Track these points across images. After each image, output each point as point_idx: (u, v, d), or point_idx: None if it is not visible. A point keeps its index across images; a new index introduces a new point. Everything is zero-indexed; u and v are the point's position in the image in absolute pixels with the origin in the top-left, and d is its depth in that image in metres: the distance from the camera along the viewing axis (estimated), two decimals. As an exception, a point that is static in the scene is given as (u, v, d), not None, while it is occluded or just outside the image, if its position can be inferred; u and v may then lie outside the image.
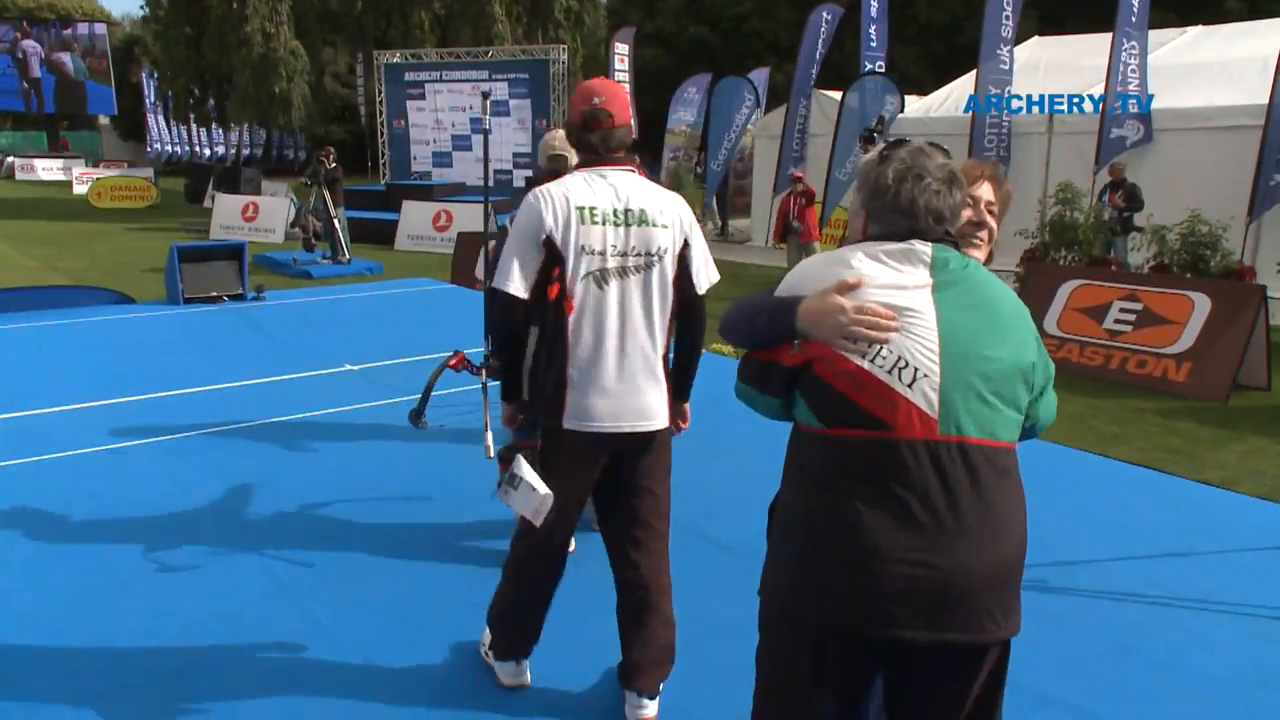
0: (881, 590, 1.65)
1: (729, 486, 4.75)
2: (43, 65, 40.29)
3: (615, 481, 2.76)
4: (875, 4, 14.48)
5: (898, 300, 1.71)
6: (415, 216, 16.41)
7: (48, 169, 37.24)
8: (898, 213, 1.78)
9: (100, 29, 43.37)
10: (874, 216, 1.84)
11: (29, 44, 40.46)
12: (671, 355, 2.84)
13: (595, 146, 2.67)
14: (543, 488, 2.57)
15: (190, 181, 26.93)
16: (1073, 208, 10.80)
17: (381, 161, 22.86)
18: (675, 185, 16.09)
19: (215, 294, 10.13)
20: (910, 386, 1.66)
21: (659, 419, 2.72)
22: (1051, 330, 8.13)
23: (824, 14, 15.89)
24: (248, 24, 25.89)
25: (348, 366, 7.20)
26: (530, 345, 2.77)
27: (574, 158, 2.86)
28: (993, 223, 2.19)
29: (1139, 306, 7.72)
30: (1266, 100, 10.16)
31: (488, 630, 3.09)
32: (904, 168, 1.79)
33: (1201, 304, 7.25)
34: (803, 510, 1.76)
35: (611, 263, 2.60)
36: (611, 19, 34.64)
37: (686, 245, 2.70)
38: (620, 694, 2.88)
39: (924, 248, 1.77)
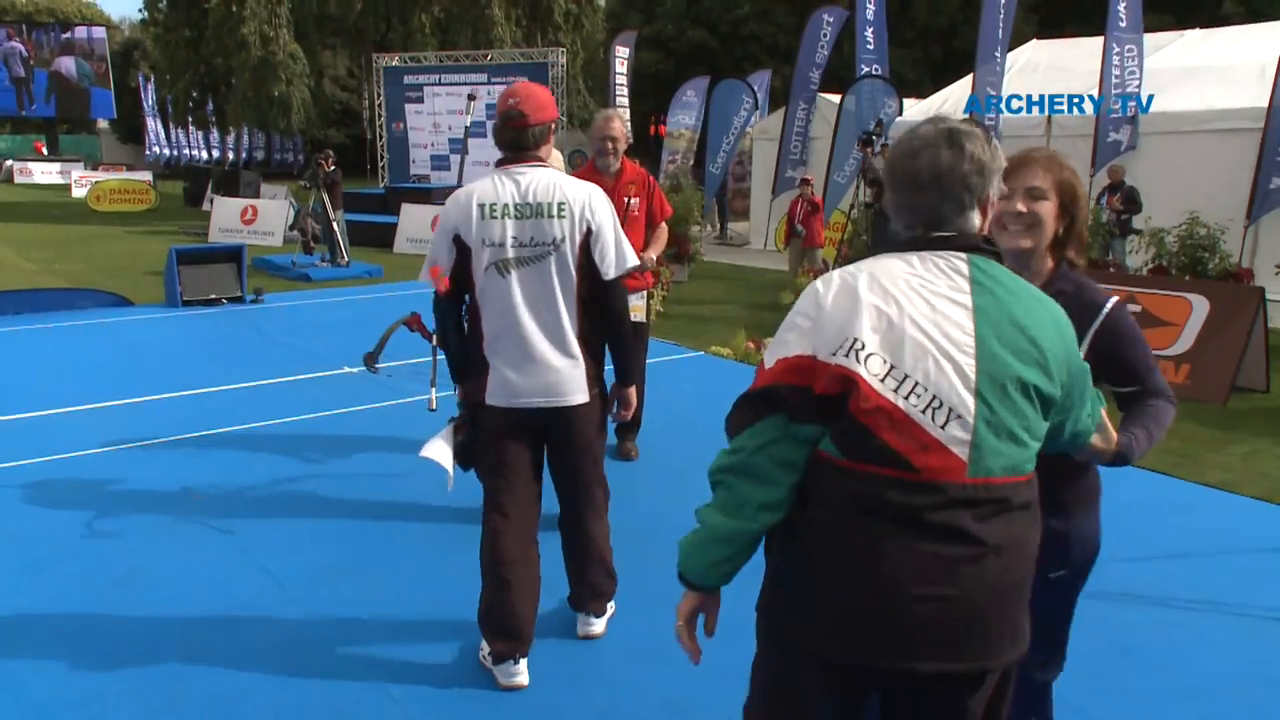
0: (898, 626, 1.59)
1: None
2: (27, 65, 40.34)
3: (550, 454, 3.08)
4: (872, 7, 14.48)
5: (934, 329, 1.58)
6: (414, 219, 16.39)
7: (46, 172, 37.21)
8: (907, 189, 1.70)
9: (99, 33, 43.39)
10: (895, 215, 1.76)
11: (11, 45, 40.52)
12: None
13: (510, 144, 2.92)
14: (447, 459, 2.98)
15: (189, 185, 26.92)
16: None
17: (380, 164, 22.85)
18: (674, 188, 16.10)
19: (214, 296, 10.13)
20: (943, 428, 1.56)
21: (574, 395, 2.94)
22: (1050, 332, 8.09)
23: (825, 16, 15.88)
24: (246, 27, 25.93)
25: (347, 369, 7.19)
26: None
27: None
28: (1041, 210, 2.11)
29: (1137, 308, 7.72)
30: (1265, 103, 10.18)
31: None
32: (900, 145, 1.72)
33: (1200, 306, 7.25)
34: (816, 540, 1.66)
35: (512, 253, 2.85)
36: (610, 22, 34.67)
37: (589, 234, 2.89)
38: (575, 618, 3.32)
39: (959, 260, 1.64)
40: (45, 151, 41.81)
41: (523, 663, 3.02)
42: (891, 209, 1.75)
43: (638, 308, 4.77)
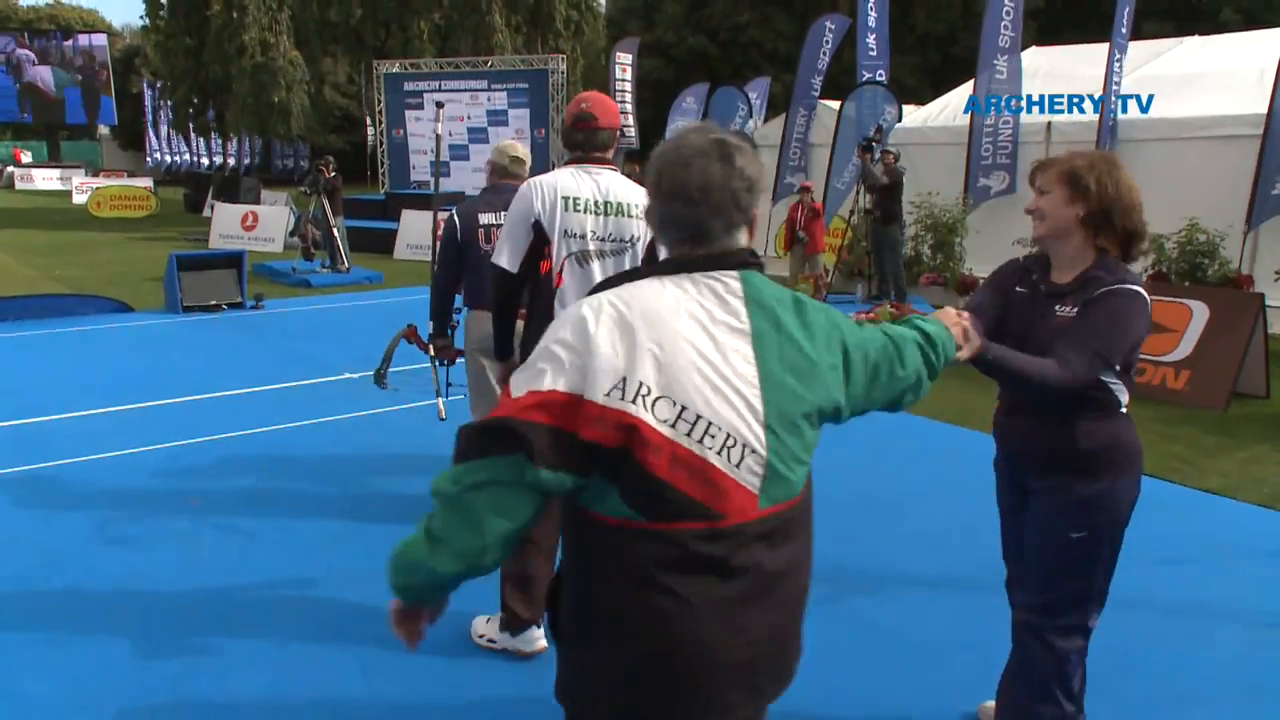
0: (724, 681, 1.54)
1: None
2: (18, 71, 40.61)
3: None
4: (874, 14, 14.50)
5: (720, 362, 1.48)
6: (414, 225, 16.41)
7: (47, 179, 37.28)
8: (676, 201, 1.55)
9: (100, 40, 43.50)
10: (659, 227, 1.60)
11: (22, 53, 40.68)
12: None
13: (581, 144, 3.06)
14: None
15: (190, 191, 26.96)
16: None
17: (381, 171, 22.88)
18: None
19: (214, 302, 10.14)
20: (738, 467, 1.48)
21: None
22: (1050, 338, 8.10)
23: (827, 24, 15.91)
24: (246, 33, 25.95)
25: (347, 374, 7.20)
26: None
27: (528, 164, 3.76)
28: (1042, 202, 2.33)
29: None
30: (1264, 109, 10.19)
31: (484, 620, 3.31)
32: (668, 153, 1.57)
33: (1200, 312, 7.25)
34: (626, 614, 1.51)
35: (592, 246, 2.98)
36: (611, 29, 34.74)
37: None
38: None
39: (733, 280, 1.54)
40: (25, 159, 41.95)
41: (539, 630, 3.20)
42: (656, 221, 1.60)
43: None
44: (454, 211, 4.14)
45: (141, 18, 30.36)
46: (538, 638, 3.21)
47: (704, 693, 1.53)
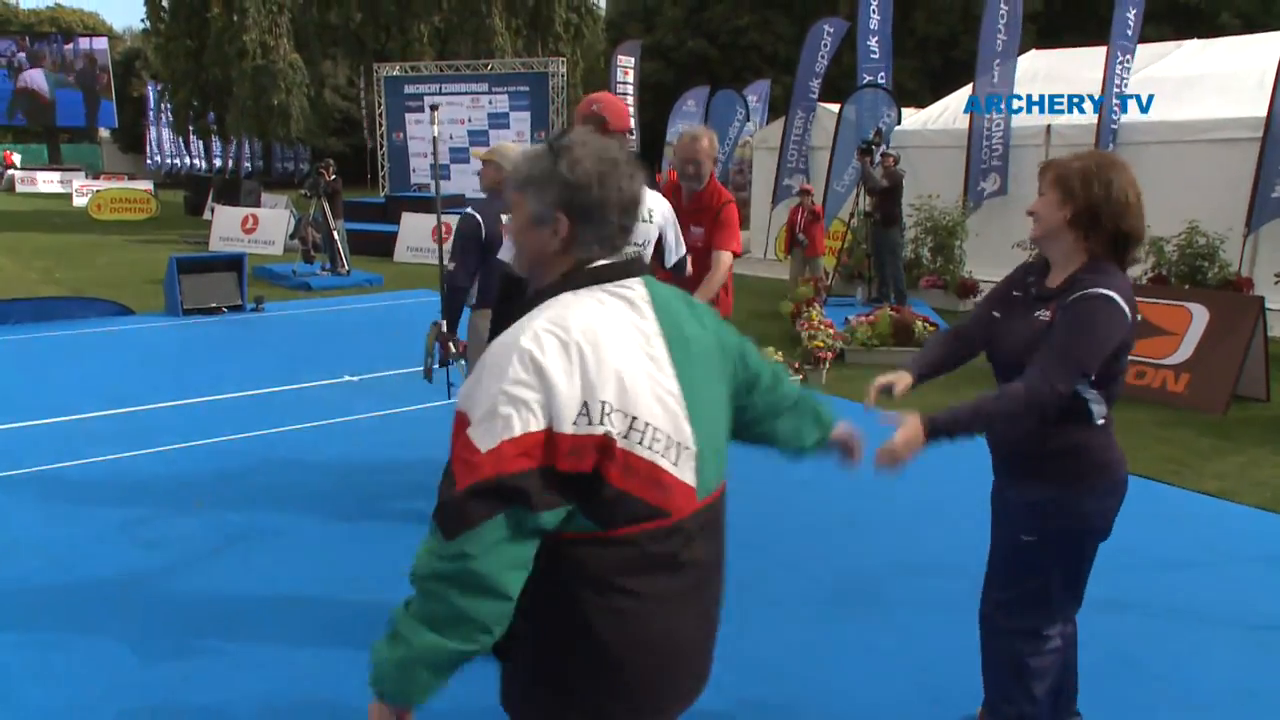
0: (682, 674, 1.65)
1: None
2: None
3: None
4: (877, 16, 14.50)
5: (649, 367, 1.53)
6: (414, 228, 16.42)
7: (48, 181, 37.31)
8: (598, 211, 1.55)
9: (101, 43, 43.54)
10: (581, 222, 1.55)
11: (21, 56, 40.79)
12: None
13: None
14: None
15: (190, 194, 26.97)
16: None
17: (381, 174, 22.90)
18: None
19: (215, 305, 10.14)
20: (677, 464, 1.54)
21: None
22: (1050, 341, 8.10)
23: (826, 27, 15.93)
24: (247, 36, 25.99)
25: (348, 377, 7.20)
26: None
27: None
28: (1037, 205, 2.36)
29: (1137, 317, 7.73)
30: (1264, 112, 10.20)
31: None
32: (589, 162, 1.54)
33: (1200, 315, 7.25)
34: (589, 618, 1.53)
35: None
36: (610, 32, 34.79)
37: (662, 235, 3.36)
38: None
39: (639, 285, 1.60)
40: (16, 161, 41.97)
41: None
42: (572, 231, 1.56)
43: None
44: (473, 212, 4.16)
45: (142, 20, 30.42)
46: None
47: (665, 687, 1.61)
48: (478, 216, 4.06)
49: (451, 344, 4.39)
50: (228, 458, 5.38)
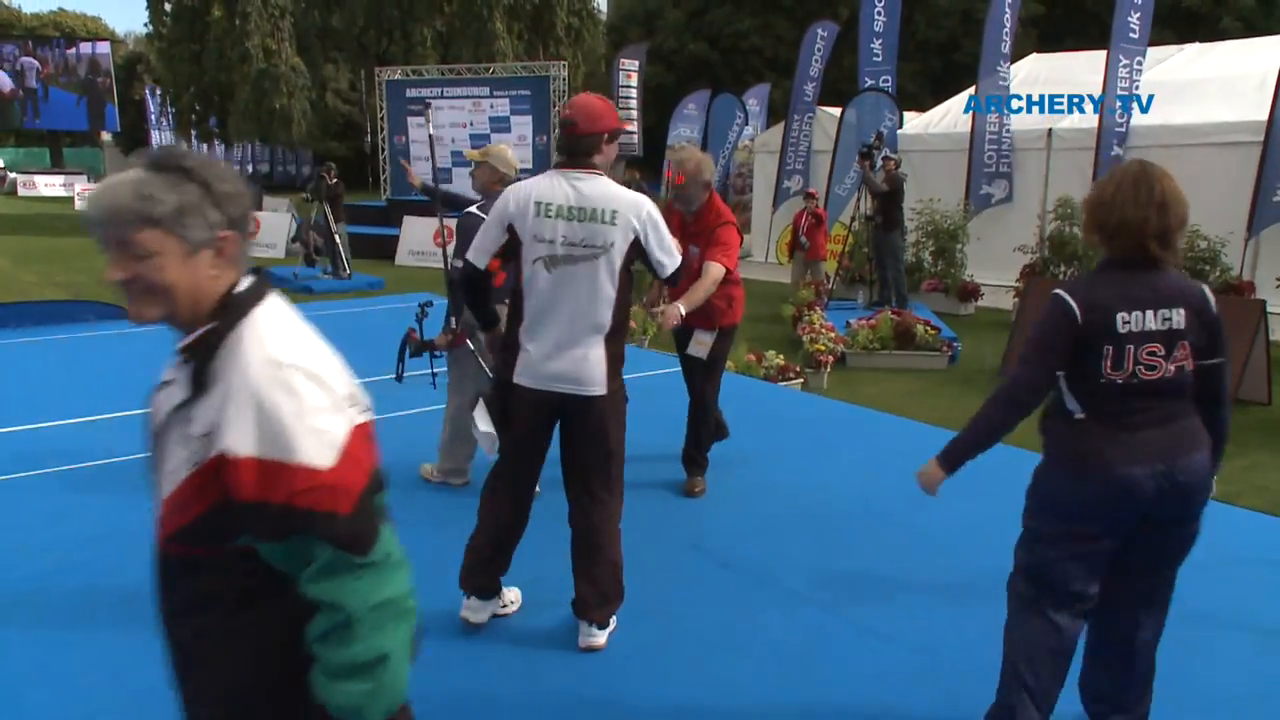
0: None
1: (725, 502, 4.75)
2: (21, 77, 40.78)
3: (565, 440, 3.27)
4: (882, 19, 14.51)
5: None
6: (416, 232, 16.45)
7: (49, 185, 37.38)
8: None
9: (104, 48, 43.63)
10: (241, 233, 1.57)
11: (25, 60, 40.85)
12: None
13: (562, 149, 3.19)
14: (486, 425, 3.23)
15: (192, 197, 26.97)
16: (1072, 223, 10.83)
17: (382, 177, 22.92)
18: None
19: (216, 309, 10.14)
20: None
21: (595, 387, 3.13)
22: (1051, 345, 8.08)
23: (819, 31, 15.97)
24: (249, 40, 26.03)
25: (348, 381, 7.20)
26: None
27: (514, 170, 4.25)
28: None
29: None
30: (1265, 116, 10.21)
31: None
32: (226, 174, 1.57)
33: (1201, 319, 7.25)
34: (291, 637, 1.53)
35: (561, 251, 3.07)
36: (612, 35, 34.84)
37: (638, 240, 3.11)
38: (576, 624, 3.35)
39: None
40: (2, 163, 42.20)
41: (479, 601, 3.39)
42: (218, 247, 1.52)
43: (702, 343, 4.74)
44: (477, 211, 4.35)
45: (145, 25, 30.47)
46: (468, 608, 3.40)
47: None
48: (483, 216, 4.10)
49: (440, 336, 4.65)
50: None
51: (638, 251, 3.13)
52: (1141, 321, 2.43)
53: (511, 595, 3.56)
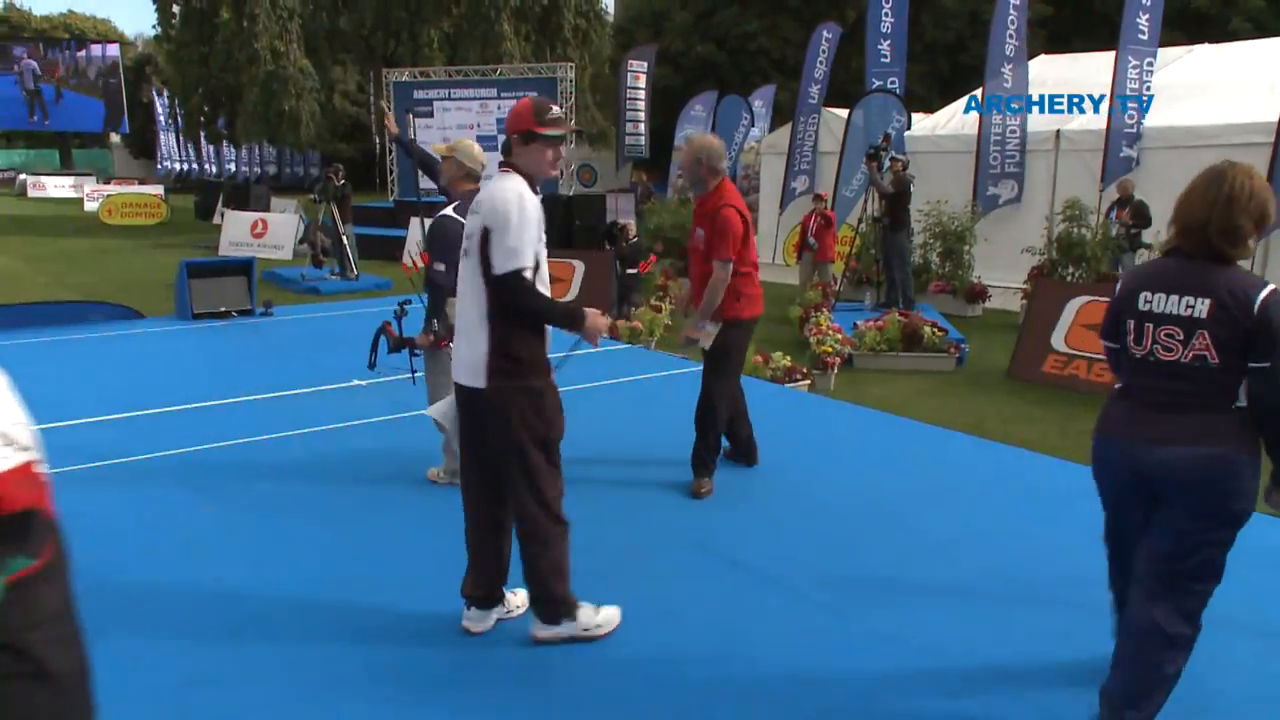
0: None
1: (733, 502, 4.75)
2: (36, 79, 40.95)
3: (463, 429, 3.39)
4: (890, 20, 14.49)
5: None
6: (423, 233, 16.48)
7: (59, 186, 37.54)
8: None
9: (113, 50, 43.84)
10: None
11: (28, 63, 41.11)
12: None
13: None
14: (436, 412, 3.48)
15: (200, 198, 27.09)
16: (1080, 225, 10.80)
17: (390, 178, 22.97)
18: (682, 202, 16.12)
19: (224, 310, 10.18)
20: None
21: (475, 379, 3.18)
22: (1059, 346, 8.09)
23: (824, 33, 15.98)
24: (257, 42, 26.12)
25: (356, 382, 7.21)
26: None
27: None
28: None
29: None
30: (1275, 118, 10.17)
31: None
32: None
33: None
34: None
35: (464, 245, 3.24)
36: (619, 37, 34.83)
37: (486, 232, 3.10)
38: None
39: None
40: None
41: (480, 612, 3.42)
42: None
43: (706, 333, 4.77)
44: (454, 215, 4.45)
45: (154, 27, 30.60)
46: (467, 618, 3.43)
47: None
48: (459, 219, 4.20)
49: (420, 336, 4.80)
50: (237, 462, 5.39)
51: (486, 245, 3.13)
52: (1163, 304, 2.57)
53: (518, 600, 3.55)
